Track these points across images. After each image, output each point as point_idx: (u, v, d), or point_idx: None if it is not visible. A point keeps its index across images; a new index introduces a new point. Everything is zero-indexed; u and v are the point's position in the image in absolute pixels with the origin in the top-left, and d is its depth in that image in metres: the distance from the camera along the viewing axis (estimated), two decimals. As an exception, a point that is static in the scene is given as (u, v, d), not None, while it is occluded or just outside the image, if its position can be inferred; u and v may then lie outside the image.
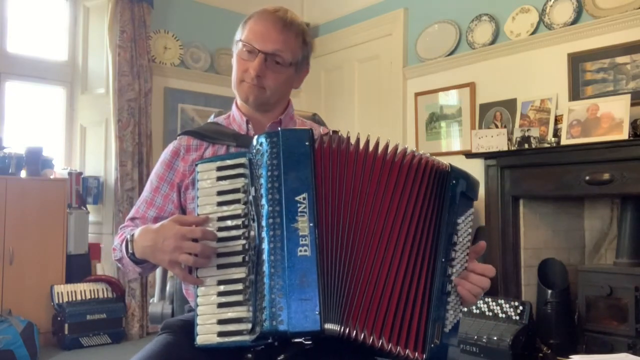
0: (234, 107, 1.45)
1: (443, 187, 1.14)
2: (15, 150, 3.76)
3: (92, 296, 3.79)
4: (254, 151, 1.11)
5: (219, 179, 1.14)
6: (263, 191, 1.07)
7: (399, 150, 1.15)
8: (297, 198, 1.06)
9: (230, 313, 1.06)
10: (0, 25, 4.07)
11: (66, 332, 3.57)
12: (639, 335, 2.87)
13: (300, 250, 1.04)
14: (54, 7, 4.39)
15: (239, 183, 1.12)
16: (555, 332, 3.17)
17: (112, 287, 3.89)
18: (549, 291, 3.21)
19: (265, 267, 1.03)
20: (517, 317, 3.10)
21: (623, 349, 2.85)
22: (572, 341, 3.16)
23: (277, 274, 1.02)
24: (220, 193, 1.13)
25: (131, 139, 4.06)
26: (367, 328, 1.06)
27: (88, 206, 4.14)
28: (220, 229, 1.12)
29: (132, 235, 1.22)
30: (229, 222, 1.11)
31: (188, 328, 1.23)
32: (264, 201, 1.06)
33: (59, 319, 3.63)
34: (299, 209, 1.05)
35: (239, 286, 1.07)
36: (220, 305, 1.07)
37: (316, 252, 1.04)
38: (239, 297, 1.07)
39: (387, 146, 1.15)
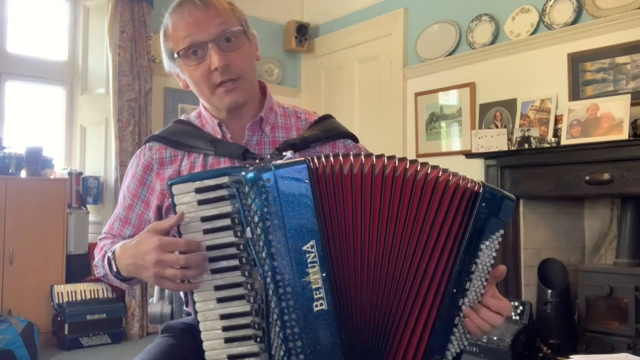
0: (202, 109, 1.31)
1: (470, 210, 0.99)
2: (15, 150, 3.76)
3: (92, 296, 3.79)
4: (245, 187, 0.97)
5: (201, 202, 1.01)
6: (263, 243, 0.95)
7: (409, 167, 0.99)
8: (304, 248, 0.95)
9: (241, 348, 1.01)
10: (0, 25, 4.07)
11: (66, 332, 3.57)
12: (639, 335, 2.86)
13: (316, 305, 0.95)
14: (54, 7, 4.39)
15: (225, 207, 1.00)
16: (555, 332, 3.17)
17: (112, 287, 3.88)
18: (549, 291, 3.21)
19: (279, 327, 0.96)
20: (517, 317, 3.10)
21: (623, 349, 2.85)
22: (572, 341, 3.16)
23: (294, 335, 0.95)
24: (205, 219, 1.01)
25: (131, 139, 4.06)
26: None
27: (88, 206, 4.14)
28: (212, 260, 1.01)
29: (113, 253, 1.13)
30: (221, 252, 1.01)
31: (189, 331, 1.23)
32: (265, 254, 0.95)
33: (59, 319, 3.63)
34: (309, 260, 0.95)
35: (245, 320, 1.01)
36: (228, 340, 1.01)
37: (333, 303, 0.96)
38: (248, 332, 1.01)
39: (395, 163, 0.99)
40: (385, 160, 0.99)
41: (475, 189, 0.99)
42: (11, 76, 4.13)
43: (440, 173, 0.99)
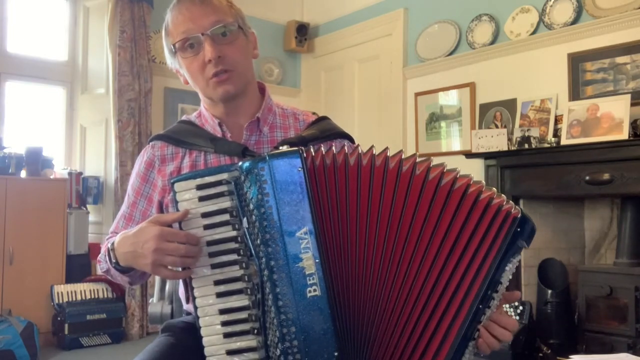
0: (202, 108, 1.33)
1: (506, 233, 1.00)
2: (15, 150, 3.76)
3: (92, 296, 3.79)
4: (240, 177, 1.01)
5: (201, 199, 1.04)
6: (258, 230, 0.99)
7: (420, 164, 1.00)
8: (298, 234, 0.97)
9: (239, 343, 1.02)
10: (0, 25, 4.07)
11: (66, 332, 3.57)
12: (639, 335, 2.87)
13: (310, 291, 0.97)
14: (54, 7, 4.39)
15: (224, 203, 1.03)
16: (555, 332, 3.17)
17: (112, 287, 3.89)
18: (549, 291, 3.21)
19: (274, 313, 0.98)
20: (517, 317, 3.09)
21: (623, 349, 2.85)
22: (572, 341, 3.16)
23: (288, 321, 0.97)
24: (205, 215, 1.04)
25: (131, 139, 4.06)
26: None
27: (88, 206, 4.14)
28: (212, 255, 1.03)
29: (113, 244, 1.15)
30: (221, 247, 1.03)
31: (189, 330, 1.23)
32: (260, 240, 0.98)
33: (59, 319, 3.63)
34: (302, 246, 0.97)
35: (243, 315, 1.02)
36: (227, 335, 1.02)
37: (326, 289, 0.97)
38: (246, 327, 1.02)
39: (414, 161, 1.00)
40: (402, 157, 1.00)
41: (513, 211, 1.00)
42: (11, 76, 4.13)
43: (483, 188, 0.99)
